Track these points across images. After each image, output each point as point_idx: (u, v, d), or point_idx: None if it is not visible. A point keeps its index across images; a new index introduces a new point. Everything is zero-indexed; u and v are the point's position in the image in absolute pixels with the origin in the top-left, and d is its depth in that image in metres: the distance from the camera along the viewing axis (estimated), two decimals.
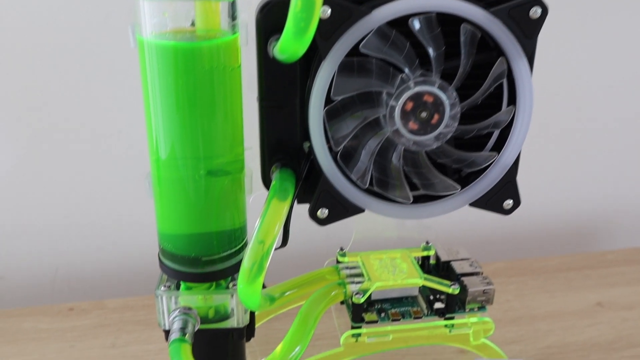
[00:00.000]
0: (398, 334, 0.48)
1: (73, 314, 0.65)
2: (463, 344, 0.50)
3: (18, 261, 0.73)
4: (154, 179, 0.44)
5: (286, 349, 0.41)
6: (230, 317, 0.47)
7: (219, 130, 0.43)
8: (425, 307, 0.49)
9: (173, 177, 0.43)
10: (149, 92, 0.41)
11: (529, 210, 0.84)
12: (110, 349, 0.60)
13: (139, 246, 0.74)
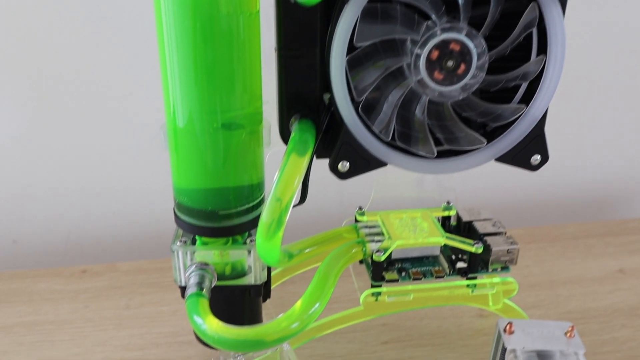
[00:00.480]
0: (419, 293, 0.47)
1: (86, 276, 0.64)
2: (484, 305, 0.49)
3: (31, 225, 0.72)
4: (170, 132, 0.43)
5: (305, 305, 0.40)
6: (247, 274, 0.46)
7: (236, 80, 0.41)
8: (447, 266, 0.48)
9: (188, 130, 0.42)
10: (165, 41, 0.40)
11: (546, 177, 0.82)
12: (124, 310, 0.59)
13: (151, 210, 0.73)
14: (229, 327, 0.38)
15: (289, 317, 0.39)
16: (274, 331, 0.39)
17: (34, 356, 0.53)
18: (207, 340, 0.39)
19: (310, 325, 0.41)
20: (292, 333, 0.39)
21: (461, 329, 0.57)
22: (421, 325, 0.57)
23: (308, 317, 0.40)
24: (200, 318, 0.39)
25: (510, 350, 0.43)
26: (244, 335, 0.38)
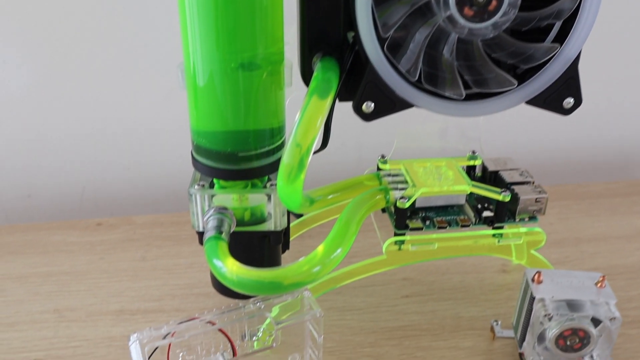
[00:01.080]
0: (443, 242, 0.46)
1: (101, 229, 0.64)
2: (510, 256, 0.48)
3: (45, 180, 0.72)
4: (187, 71, 0.41)
5: (327, 249, 0.39)
6: (266, 221, 0.45)
7: (256, 19, 0.39)
8: (472, 215, 0.46)
9: (206, 70, 0.40)
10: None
11: (570, 134, 0.80)
12: (140, 262, 0.58)
13: (166, 164, 0.72)
14: (249, 269, 0.37)
15: (311, 261, 0.38)
16: (295, 274, 0.37)
17: (50, 305, 0.53)
18: (226, 283, 0.38)
19: (330, 271, 0.40)
20: (313, 277, 0.38)
21: (484, 284, 0.56)
22: (443, 279, 0.56)
23: (330, 262, 0.39)
24: (219, 261, 0.38)
25: (539, 300, 0.42)
26: (265, 277, 0.37)
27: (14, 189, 0.72)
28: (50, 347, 0.48)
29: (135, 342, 0.38)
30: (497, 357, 0.48)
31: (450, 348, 0.49)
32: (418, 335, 0.50)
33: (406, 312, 0.52)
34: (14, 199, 0.72)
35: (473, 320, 0.51)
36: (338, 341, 0.49)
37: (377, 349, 0.49)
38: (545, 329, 0.42)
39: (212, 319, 0.40)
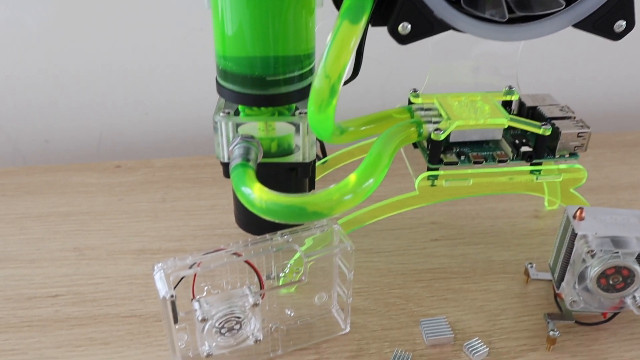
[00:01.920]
0: (479, 178, 0.44)
1: (120, 171, 0.62)
2: (548, 194, 0.45)
3: (62, 124, 0.70)
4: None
5: (359, 178, 0.37)
6: (294, 152, 0.43)
7: None
8: (510, 150, 0.44)
9: None
10: None
11: (603, 82, 0.77)
12: (160, 204, 0.57)
13: (184, 109, 0.70)
14: (278, 194, 0.35)
15: (342, 189, 0.36)
16: (326, 201, 0.36)
17: (70, 243, 0.52)
18: (255, 210, 0.36)
19: (361, 201, 0.38)
20: (344, 205, 0.36)
21: (515, 229, 0.54)
22: (473, 224, 0.54)
23: (361, 191, 0.37)
24: (247, 187, 0.36)
25: (581, 236, 0.40)
26: (295, 203, 0.35)
27: (31, 134, 0.71)
28: (71, 283, 0.47)
29: (159, 272, 0.36)
30: (532, 300, 0.46)
31: (482, 291, 0.47)
32: (448, 277, 0.48)
33: (435, 255, 0.50)
34: (31, 145, 0.71)
35: (505, 264, 0.50)
36: (366, 282, 0.48)
37: (407, 290, 0.47)
38: (587, 268, 0.40)
39: (238, 250, 0.38)
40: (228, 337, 0.38)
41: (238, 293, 0.38)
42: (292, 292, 0.45)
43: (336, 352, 0.42)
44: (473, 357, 0.41)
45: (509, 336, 0.43)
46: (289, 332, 0.43)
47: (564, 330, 0.43)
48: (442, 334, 0.42)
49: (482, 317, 0.45)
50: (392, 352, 0.41)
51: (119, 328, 0.43)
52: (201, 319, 0.37)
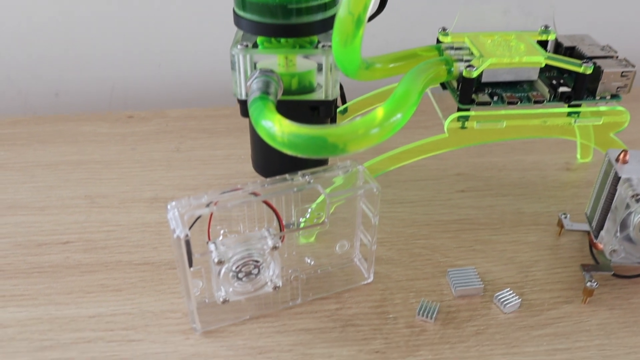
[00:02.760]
0: (512, 120, 0.41)
1: (133, 121, 0.60)
2: (586, 140, 0.43)
3: (72, 77, 0.68)
4: None
5: (387, 111, 0.34)
6: (315, 91, 0.40)
7: None
8: (547, 91, 0.41)
9: None
10: None
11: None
12: (174, 153, 0.55)
13: (198, 60, 0.67)
14: (301, 125, 0.33)
15: (368, 122, 0.34)
16: (351, 133, 0.33)
17: (81, 191, 0.50)
18: (277, 145, 0.34)
19: (388, 136, 0.35)
20: (369, 140, 0.34)
21: (546, 181, 0.51)
22: (500, 176, 0.52)
23: (389, 126, 0.34)
24: (268, 120, 0.34)
25: (625, 180, 0.37)
26: (318, 134, 0.33)
27: (41, 87, 0.68)
28: (82, 230, 0.46)
29: (173, 211, 0.34)
30: (565, 252, 0.44)
31: (512, 242, 0.44)
32: (476, 229, 0.46)
33: (461, 207, 0.48)
34: (42, 98, 0.69)
35: (536, 215, 0.47)
36: (389, 232, 0.45)
37: (432, 241, 0.45)
38: (630, 214, 0.37)
39: (256, 190, 0.36)
40: (245, 282, 0.36)
41: (256, 235, 0.36)
42: (312, 241, 0.43)
43: (359, 302, 0.40)
44: (504, 308, 0.39)
45: (542, 288, 0.41)
46: (308, 281, 0.41)
47: (600, 283, 0.41)
48: (471, 284, 0.40)
49: (512, 269, 0.42)
50: (418, 303, 0.39)
51: (131, 275, 0.42)
52: (217, 262, 0.34)
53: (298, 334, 0.38)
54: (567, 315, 0.39)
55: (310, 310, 0.39)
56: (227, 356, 0.36)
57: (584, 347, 0.37)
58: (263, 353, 0.36)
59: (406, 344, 0.37)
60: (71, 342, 0.37)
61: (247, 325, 0.38)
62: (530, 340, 0.37)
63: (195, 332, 0.38)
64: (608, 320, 0.38)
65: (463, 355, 0.36)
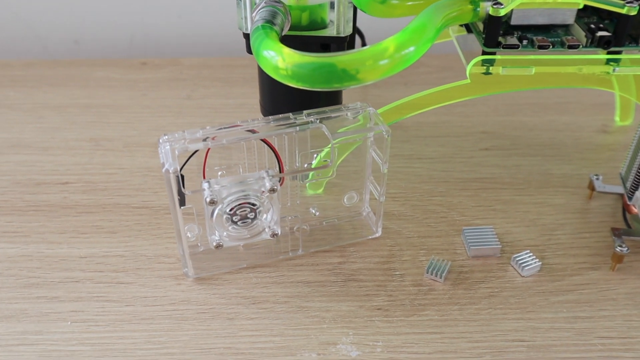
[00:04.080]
0: (543, 67, 0.37)
1: (146, 68, 0.58)
2: (626, 92, 0.39)
3: (93, 26, 0.66)
4: None
5: (399, 43, 0.31)
6: (327, 27, 0.37)
7: None
8: (583, 35, 0.37)
9: None
10: None
11: None
12: (185, 100, 0.53)
13: (219, 10, 0.65)
14: (305, 54, 0.30)
15: (378, 52, 0.30)
16: (358, 61, 0.30)
17: (86, 134, 0.48)
18: (280, 77, 0.31)
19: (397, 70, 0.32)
20: (377, 71, 0.31)
21: (579, 142, 0.47)
22: (529, 135, 0.48)
23: (400, 58, 0.31)
24: (270, 50, 0.31)
25: None
26: (324, 61, 0.30)
27: (61, 34, 0.67)
28: (83, 172, 0.44)
29: (164, 144, 0.32)
30: (595, 216, 0.40)
31: (537, 204, 0.41)
32: (498, 188, 0.42)
33: (484, 165, 0.44)
34: (61, 45, 0.67)
35: (566, 177, 0.43)
36: (404, 188, 0.42)
37: (449, 198, 0.41)
38: None
39: (256, 127, 0.33)
40: (241, 227, 0.34)
41: (254, 176, 0.33)
42: (320, 192, 0.41)
43: (364, 257, 0.37)
44: (522, 271, 0.36)
45: (566, 252, 0.37)
46: (312, 232, 0.38)
47: (633, 250, 0.37)
48: (488, 244, 0.37)
49: (534, 231, 0.39)
50: (428, 261, 0.36)
51: (127, 218, 0.40)
52: (209, 201, 0.32)
53: (296, 286, 0.35)
54: (593, 282, 0.35)
55: (311, 263, 0.37)
56: (218, 304, 0.34)
57: (608, 317, 0.33)
58: (256, 303, 0.34)
59: (411, 302, 0.34)
60: (59, 281, 0.35)
61: (242, 274, 0.36)
62: (548, 306, 0.34)
63: (187, 278, 0.36)
64: (638, 289, 0.35)
65: (472, 318, 0.33)
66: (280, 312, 0.34)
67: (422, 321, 0.33)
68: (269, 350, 0.31)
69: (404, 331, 0.32)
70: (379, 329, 0.32)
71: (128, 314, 0.33)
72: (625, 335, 0.32)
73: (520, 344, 0.32)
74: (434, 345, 0.32)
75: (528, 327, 0.33)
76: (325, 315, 0.33)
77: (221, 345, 0.32)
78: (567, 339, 0.32)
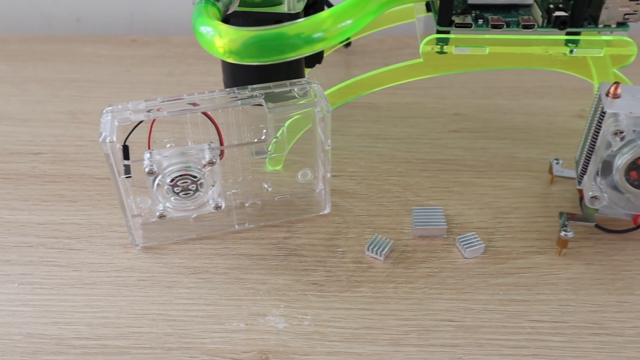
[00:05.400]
0: (497, 47, 0.36)
1: (135, 45, 0.59)
2: (584, 74, 0.37)
3: (94, 3, 0.68)
4: None
5: (336, 16, 0.31)
6: (282, 3, 0.37)
7: None
8: (540, 15, 0.36)
9: None
10: None
11: None
12: (166, 77, 0.53)
13: None
14: (239, 29, 0.31)
15: (315, 25, 0.31)
16: (293, 36, 0.30)
17: (66, 107, 0.49)
18: (218, 54, 0.32)
19: (333, 44, 0.32)
20: (312, 45, 0.31)
21: (552, 127, 0.46)
22: (503, 119, 0.47)
23: (335, 32, 0.31)
24: (207, 26, 0.32)
25: (611, 115, 0.32)
26: (258, 36, 0.30)
27: (64, 11, 0.69)
28: (56, 143, 0.45)
29: (107, 115, 0.33)
30: (553, 202, 0.39)
31: (496, 186, 0.40)
32: (458, 170, 0.42)
33: (450, 147, 0.44)
34: (64, 22, 0.69)
35: (530, 161, 0.42)
36: (364, 167, 0.42)
37: (407, 179, 0.41)
38: (614, 156, 0.32)
39: (198, 99, 0.34)
40: (183, 198, 0.35)
41: (196, 148, 0.34)
42: (279, 169, 0.41)
43: (310, 233, 0.37)
44: (465, 251, 0.35)
45: (515, 236, 0.37)
46: (263, 207, 0.39)
47: (584, 236, 0.36)
48: (434, 224, 0.37)
49: (487, 214, 0.38)
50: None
51: (90, 188, 0.41)
52: (148, 171, 0.33)
53: (237, 259, 0.36)
54: (536, 266, 0.35)
55: (257, 237, 0.37)
56: (160, 272, 0.35)
57: (545, 301, 0.33)
58: (196, 273, 0.35)
59: (348, 279, 0.34)
60: (14, 245, 0.37)
61: (189, 244, 0.37)
62: (485, 288, 0.33)
63: (135, 247, 0.37)
64: (582, 275, 0.34)
65: (406, 296, 0.33)
66: (217, 282, 0.34)
67: (355, 297, 0.33)
68: (199, 318, 0.32)
69: (335, 306, 0.33)
70: (311, 303, 0.33)
71: (73, 278, 0.35)
72: (558, 319, 0.32)
73: (448, 323, 0.32)
74: (361, 321, 0.32)
75: (460, 308, 0.32)
76: (260, 287, 0.34)
77: (155, 312, 0.33)
78: (497, 320, 0.32)
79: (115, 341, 0.31)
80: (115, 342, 0.31)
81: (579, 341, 0.31)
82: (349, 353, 0.30)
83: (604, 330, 0.31)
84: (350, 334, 0.31)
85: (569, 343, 0.31)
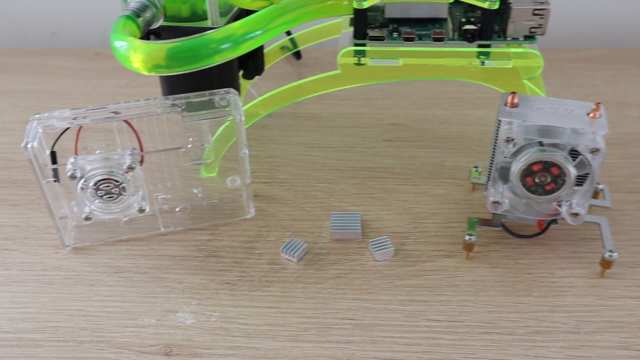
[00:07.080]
0: (411, 59, 0.38)
1: (99, 58, 0.61)
2: (497, 85, 0.39)
3: (70, 16, 0.70)
4: None
5: (244, 26, 0.33)
6: (206, 18, 0.39)
7: None
8: (450, 28, 0.38)
9: None
10: None
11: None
12: (122, 89, 0.56)
13: None
14: (150, 43, 0.33)
15: (223, 36, 0.33)
16: (199, 47, 0.32)
17: (23, 117, 0.52)
18: (130, 65, 0.34)
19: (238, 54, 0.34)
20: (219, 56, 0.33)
21: (485, 137, 0.47)
22: (438, 129, 0.48)
23: (244, 42, 0.33)
24: (121, 41, 0.34)
25: (505, 123, 0.34)
26: (162, 47, 0.32)
27: (39, 25, 0.71)
28: (7, 151, 0.47)
29: (32, 122, 0.35)
30: (472, 208, 0.41)
31: (418, 193, 0.42)
32: (385, 177, 0.43)
33: (381, 155, 0.46)
34: (40, 36, 0.72)
35: (457, 169, 0.44)
36: (294, 174, 0.44)
37: (334, 185, 0.43)
38: (511, 163, 0.34)
39: (120, 108, 0.36)
40: (108, 202, 0.37)
41: (117, 154, 0.36)
42: (214, 175, 0.43)
43: (232, 235, 0.39)
44: (375, 254, 0.37)
45: (428, 240, 0.38)
46: (192, 211, 0.41)
47: (495, 240, 0.38)
48: (349, 228, 0.38)
49: (405, 219, 0.40)
50: None
51: (33, 193, 0.43)
52: (69, 175, 0.35)
53: (160, 259, 0.37)
54: (442, 268, 0.36)
55: (182, 239, 0.39)
56: (85, 271, 0.37)
57: (444, 302, 0.34)
58: (119, 272, 0.37)
59: (260, 279, 0.36)
60: None
61: (116, 246, 0.39)
62: (389, 289, 0.35)
63: (65, 248, 0.38)
64: (485, 277, 0.36)
65: (312, 296, 0.35)
66: (137, 281, 0.36)
67: (264, 296, 0.35)
68: (115, 314, 0.34)
69: (243, 304, 0.34)
70: (221, 301, 0.35)
71: (2, 276, 0.37)
72: (454, 319, 0.33)
73: (348, 322, 0.33)
74: (266, 318, 0.33)
75: (361, 307, 0.34)
76: (176, 286, 0.36)
77: (74, 308, 0.34)
78: (395, 319, 0.33)
79: (32, 334, 0.33)
80: (31, 336, 0.33)
81: (470, 339, 0.32)
82: (248, 348, 0.32)
83: (496, 329, 0.32)
84: (253, 330, 0.33)
85: (459, 341, 0.32)
